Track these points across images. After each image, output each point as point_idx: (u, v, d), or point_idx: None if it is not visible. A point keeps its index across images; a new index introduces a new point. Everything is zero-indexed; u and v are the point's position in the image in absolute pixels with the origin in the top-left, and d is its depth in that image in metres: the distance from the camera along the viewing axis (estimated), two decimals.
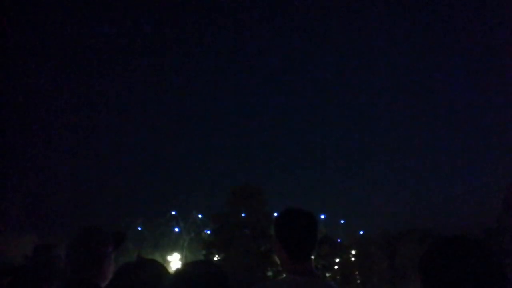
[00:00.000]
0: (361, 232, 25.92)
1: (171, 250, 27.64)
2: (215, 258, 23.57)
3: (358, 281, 22.35)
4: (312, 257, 1.88)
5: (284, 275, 1.85)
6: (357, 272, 22.56)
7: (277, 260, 1.90)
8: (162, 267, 1.76)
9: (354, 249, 23.29)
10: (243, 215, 24.01)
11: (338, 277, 22.32)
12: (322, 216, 27.14)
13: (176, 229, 28.90)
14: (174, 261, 26.24)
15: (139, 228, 28.41)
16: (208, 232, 26.65)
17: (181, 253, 27.59)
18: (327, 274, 22.17)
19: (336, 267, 22.83)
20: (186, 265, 1.65)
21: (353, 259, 22.97)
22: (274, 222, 1.96)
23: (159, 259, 1.91)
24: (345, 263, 22.68)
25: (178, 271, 1.61)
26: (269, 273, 22.83)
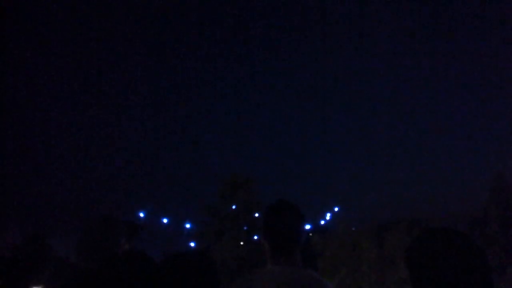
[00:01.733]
0: (351, 223, 26.19)
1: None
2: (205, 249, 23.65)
3: (348, 271, 22.62)
4: (297, 250, 1.92)
5: (268, 266, 1.89)
6: (346, 262, 22.82)
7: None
8: (150, 259, 1.78)
9: (344, 239, 23.53)
10: (234, 206, 24.07)
11: (328, 264, 22.58)
12: (327, 216, 27.27)
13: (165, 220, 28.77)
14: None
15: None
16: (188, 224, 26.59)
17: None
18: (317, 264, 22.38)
19: (325, 256, 23.06)
20: (174, 255, 1.66)
21: (342, 248, 23.21)
22: (263, 218, 2.00)
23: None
24: (334, 253, 22.92)
25: (167, 261, 1.62)
26: (260, 264, 22.99)
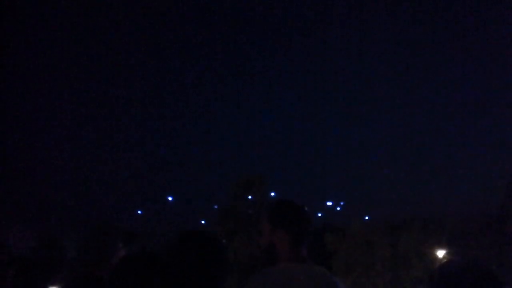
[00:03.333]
0: (366, 218, 26.09)
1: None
2: None
3: (362, 269, 22.50)
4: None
5: (280, 263, 1.89)
6: (360, 261, 22.70)
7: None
8: (157, 260, 1.78)
9: (358, 238, 23.41)
10: (247, 204, 24.15)
11: (342, 263, 22.50)
12: (329, 203, 27.24)
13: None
14: None
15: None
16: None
17: None
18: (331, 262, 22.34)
19: (339, 255, 22.97)
20: (182, 236, 1.65)
21: (356, 247, 23.10)
22: (273, 212, 1.99)
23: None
24: (348, 251, 22.82)
25: (176, 243, 1.62)
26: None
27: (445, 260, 1.59)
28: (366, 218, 26.04)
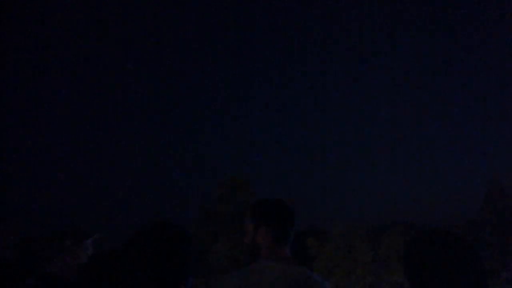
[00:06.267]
0: (346, 225, 26.22)
1: None
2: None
3: (342, 273, 22.62)
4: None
5: (258, 261, 1.85)
6: (341, 265, 22.83)
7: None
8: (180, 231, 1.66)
9: (339, 242, 23.55)
10: (232, 207, 24.06)
11: (323, 267, 22.58)
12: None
13: None
14: None
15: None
16: None
17: None
18: (312, 266, 22.40)
19: (321, 259, 23.05)
20: (144, 229, 1.57)
21: (337, 251, 23.22)
22: (255, 210, 1.97)
23: None
24: (330, 255, 22.92)
25: (137, 236, 1.54)
26: None
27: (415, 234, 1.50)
28: (347, 222, 26.20)
